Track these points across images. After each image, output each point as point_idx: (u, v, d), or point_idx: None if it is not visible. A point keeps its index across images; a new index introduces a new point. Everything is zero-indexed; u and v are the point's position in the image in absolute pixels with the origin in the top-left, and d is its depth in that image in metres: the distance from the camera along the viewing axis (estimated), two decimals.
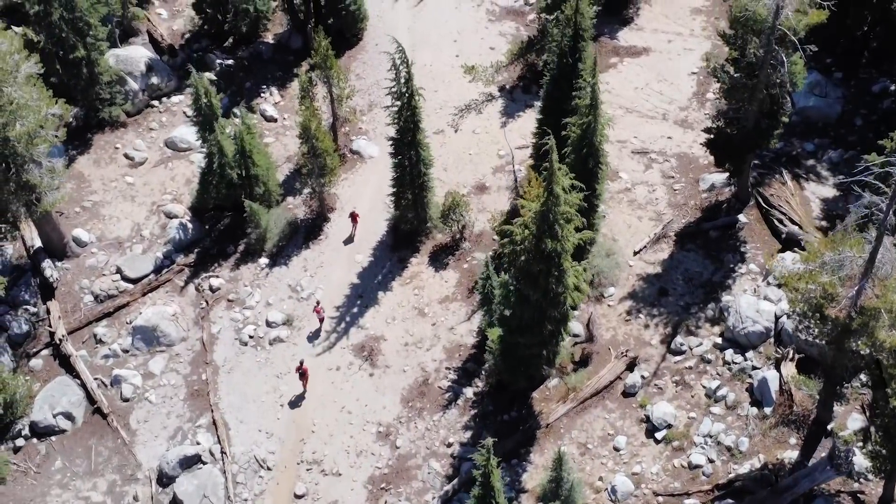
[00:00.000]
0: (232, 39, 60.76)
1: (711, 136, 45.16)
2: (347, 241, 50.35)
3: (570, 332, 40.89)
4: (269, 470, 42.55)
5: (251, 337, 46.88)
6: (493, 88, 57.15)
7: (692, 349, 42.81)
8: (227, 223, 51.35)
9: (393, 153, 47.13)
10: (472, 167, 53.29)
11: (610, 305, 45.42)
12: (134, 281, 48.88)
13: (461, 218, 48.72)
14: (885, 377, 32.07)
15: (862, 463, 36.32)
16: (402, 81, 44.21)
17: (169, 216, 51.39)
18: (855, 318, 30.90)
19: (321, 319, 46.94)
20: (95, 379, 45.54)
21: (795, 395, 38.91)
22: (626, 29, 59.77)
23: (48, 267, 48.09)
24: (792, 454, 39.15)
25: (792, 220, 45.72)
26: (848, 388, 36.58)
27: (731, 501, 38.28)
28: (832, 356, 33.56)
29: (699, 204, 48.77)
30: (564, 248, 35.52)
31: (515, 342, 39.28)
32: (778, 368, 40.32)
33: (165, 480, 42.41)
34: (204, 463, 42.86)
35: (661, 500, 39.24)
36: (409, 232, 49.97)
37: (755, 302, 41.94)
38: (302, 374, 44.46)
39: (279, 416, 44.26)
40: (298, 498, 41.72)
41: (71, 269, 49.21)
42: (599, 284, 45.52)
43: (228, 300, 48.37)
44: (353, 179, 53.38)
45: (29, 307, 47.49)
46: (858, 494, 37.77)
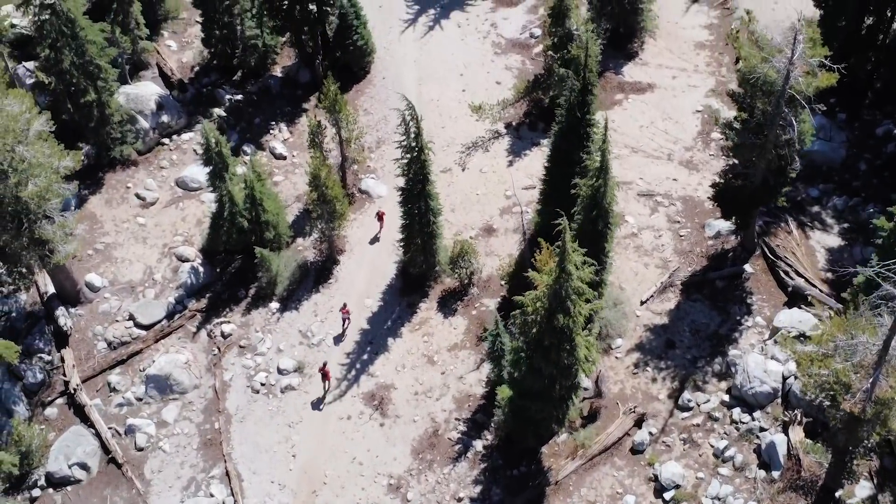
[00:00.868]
0: (241, 73, 59.36)
1: (718, 188, 43.86)
2: (373, 240, 50.67)
3: (579, 395, 39.87)
4: None
5: (263, 384, 45.86)
6: (499, 125, 55.79)
7: (700, 405, 41.78)
8: (237, 266, 50.18)
9: (402, 202, 45.91)
10: (479, 208, 52.04)
11: (618, 357, 44.36)
12: (146, 327, 47.79)
13: (469, 265, 47.56)
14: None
15: None
16: (411, 136, 42.90)
17: (180, 259, 50.23)
18: (869, 409, 29.89)
19: (345, 321, 47.15)
20: (110, 428, 44.57)
21: (803, 460, 37.90)
22: (630, 64, 58.34)
23: (62, 315, 46.99)
24: None
25: (798, 272, 44.55)
26: (857, 465, 35.62)
27: None
28: (843, 440, 32.56)
29: (705, 251, 47.57)
30: (577, 322, 34.44)
31: (525, 405, 38.28)
32: (786, 432, 39.25)
33: None
34: None
35: None
36: (417, 275, 48.83)
37: (763, 361, 40.86)
38: (324, 375, 44.66)
39: (291, 466, 43.29)
40: None
41: (84, 315, 48.10)
42: (607, 336, 44.44)
43: (240, 346, 47.32)
44: (361, 220, 52.15)
45: (43, 355, 46.44)
46: None
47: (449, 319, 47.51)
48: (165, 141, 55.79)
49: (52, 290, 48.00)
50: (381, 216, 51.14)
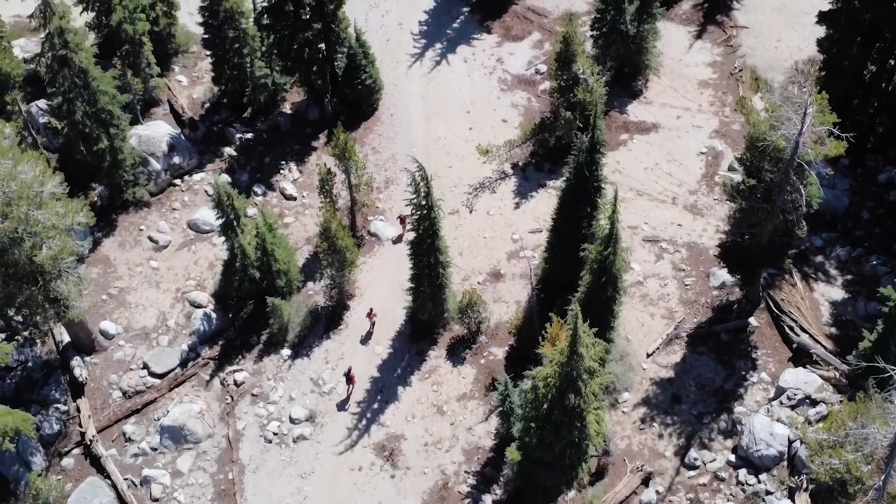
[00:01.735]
0: (251, 110, 58.08)
1: (725, 247, 42.84)
2: (365, 339, 48.28)
3: (588, 460, 38.98)
4: None
5: (275, 434, 45.01)
6: (506, 166, 54.61)
7: (706, 464, 40.98)
8: (250, 311, 49.21)
9: (411, 254, 44.86)
10: (486, 252, 50.99)
11: (624, 412, 43.50)
12: (160, 376, 46.89)
13: (478, 314, 46.59)
14: None
15: None
16: (421, 195, 41.80)
17: (193, 305, 49.26)
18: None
19: (372, 324, 47.85)
20: (126, 479, 43.76)
21: None
22: (635, 102, 57.04)
23: (77, 366, 46.05)
24: None
25: (802, 327, 43.60)
26: None
27: None
28: None
29: (710, 302, 46.59)
30: (588, 401, 33.56)
31: (535, 471, 37.46)
32: (792, 497, 38.48)
33: None
34: None
35: None
36: (426, 322, 47.88)
37: (769, 424, 40.00)
38: (349, 379, 45.15)
39: None
40: None
41: (99, 363, 47.17)
42: (614, 390, 43.55)
43: (252, 394, 46.43)
44: (371, 264, 51.11)
45: (59, 405, 45.56)
46: None
47: (458, 368, 46.62)
48: (177, 182, 54.60)
49: (67, 338, 47.04)
50: (402, 220, 50.88)
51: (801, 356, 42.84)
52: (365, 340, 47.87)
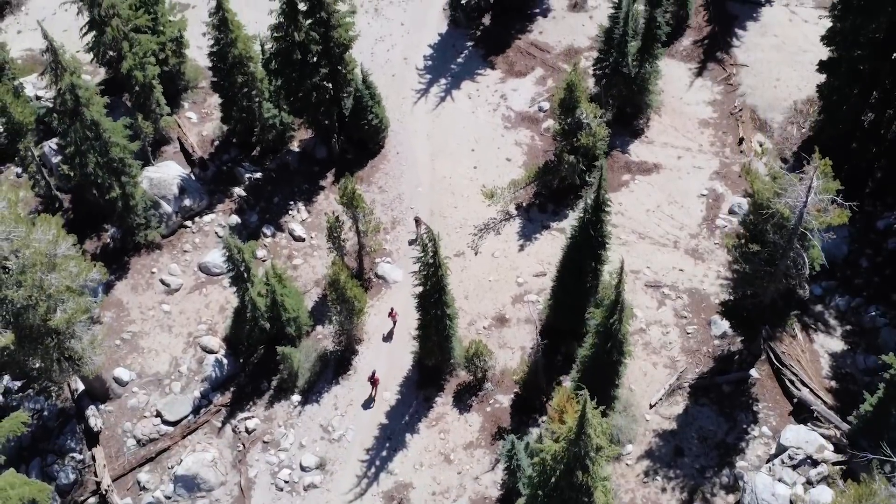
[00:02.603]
0: (259, 148, 57.09)
1: (728, 306, 42.05)
2: (412, 241, 51.96)
3: None
4: None
5: (286, 482, 44.42)
6: (510, 206, 53.68)
7: None
8: (260, 355, 48.50)
9: (418, 306, 44.05)
10: (491, 295, 50.17)
11: (628, 464, 42.85)
12: (174, 423, 46.25)
13: (484, 363, 45.87)
14: None
15: None
16: (429, 255, 40.95)
17: (205, 350, 48.54)
18: None
19: (395, 322, 48.82)
20: None
21: None
22: (637, 142, 55.97)
23: (92, 415, 45.42)
24: None
25: (803, 381, 42.88)
26: None
27: None
28: None
29: (712, 351, 45.84)
30: (596, 477, 32.82)
31: None
32: None
33: None
34: None
35: None
36: (433, 367, 47.18)
37: (770, 484, 39.30)
38: (374, 382, 46.17)
39: None
40: None
41: (113, 411, 46.52)
42: (618, 442, 42.87)
43: (264, 441, 45.79)
44: (378, 307, 50.30)
45: (75, 454, 44.95)
46: None
47: (464, 416, 45.96)
48: (188, 224, 53.65)
49: (81, 386, 46.38)
50: (418, 221, 52.19)
51: (801, 411, 42.14)
52: (387, 338, 48.85)
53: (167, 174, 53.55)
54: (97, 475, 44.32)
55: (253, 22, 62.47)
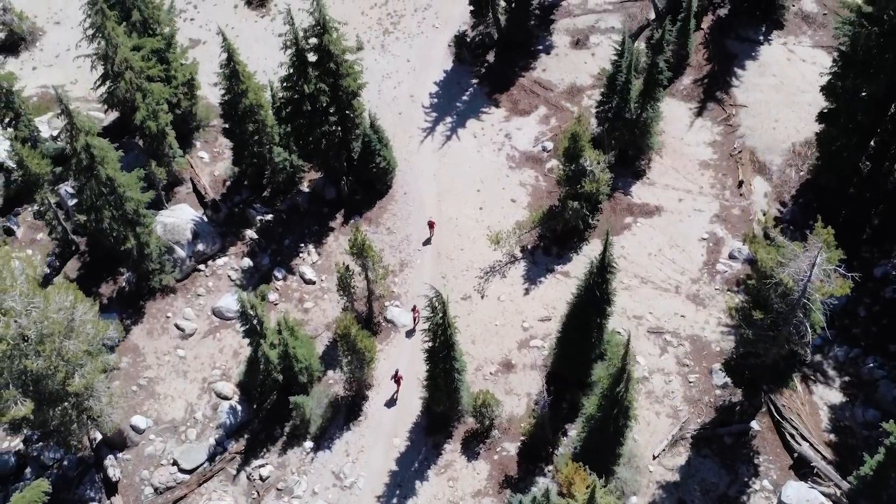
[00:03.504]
0: (270, 189, 56.44)
1: (730, 366, 41.56)
2: (426, 242, 53.43)
3: None
4: None
5: None
6: (515, 249, 53.08)
7: None
8: (273, 401, 48.05)
9: (427, 359, 43.58)
10: (498, 340, 49.68)
11: None
12: (190, 471, 45.90)
13: (491, 413, 45.45)
14: None
15: None
16: (438, 316, 40.43)
17: (220, 396, 48.13)
18: None
19: (415, 320, 49.67)
20: None
21: None
22: (638, 183, 55.24)
23: (111, 465, 45.05)
24: None
25: (803, 435, 42.45)
26: None
27: None
28: None
29: (713, 401, 45.38)
30: None
31: None
32: None
33: None
34: None
35: None
36: (442, 414, 46.76)
37: None
38: (397, 381, 46.98)
39: None
40: None
41: (131, 459, 46.12)
42: (622, 494, 42.56)
43: (277, 489, 45.42)
44: (388, 351, 49.86)
45: None
46: None
47: (472, 463, 45.59)
48: (201, 267, 53.08)
49: (100, 436, 45.99)
50: (431, 224, 53.22)
51: (802, 465, 41.75)
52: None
53: (181, 218, 52.94)
54: None
55: (263, 58, 62.12)
